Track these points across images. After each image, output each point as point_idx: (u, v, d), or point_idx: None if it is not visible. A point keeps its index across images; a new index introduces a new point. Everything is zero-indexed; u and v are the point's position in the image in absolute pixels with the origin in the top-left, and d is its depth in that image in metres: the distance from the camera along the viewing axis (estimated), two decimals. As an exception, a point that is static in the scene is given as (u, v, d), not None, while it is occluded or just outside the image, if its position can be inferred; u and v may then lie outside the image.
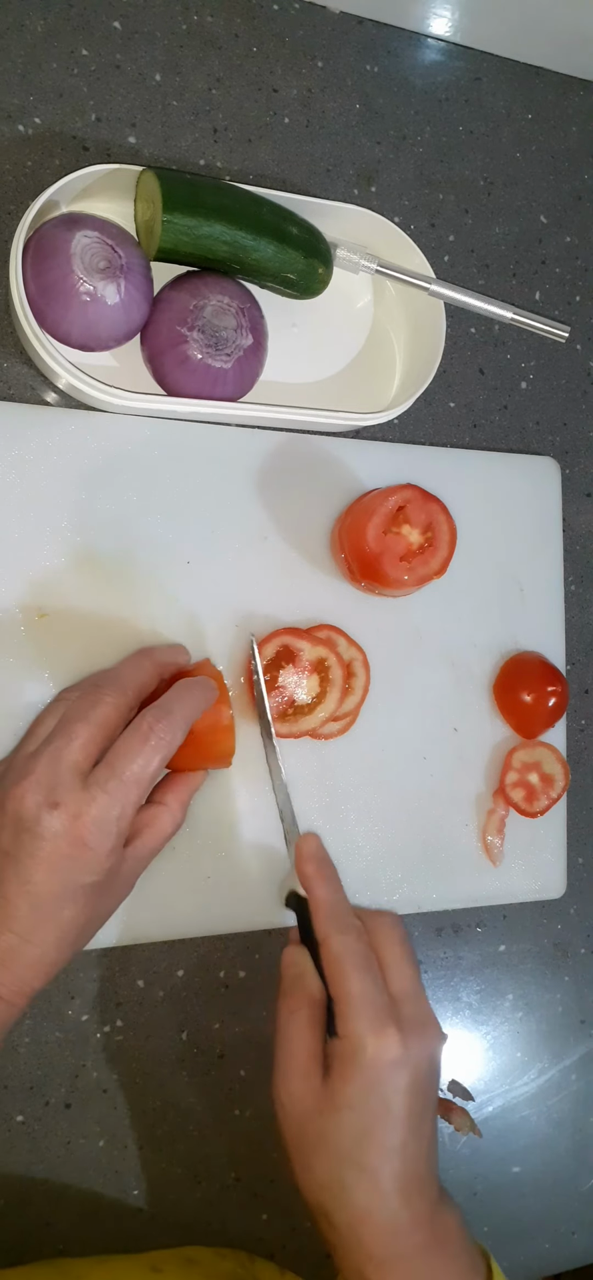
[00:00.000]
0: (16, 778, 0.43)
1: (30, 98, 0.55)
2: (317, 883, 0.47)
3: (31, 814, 0.41)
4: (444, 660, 0.62)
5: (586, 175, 0.70)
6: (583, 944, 0.69)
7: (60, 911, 0.42)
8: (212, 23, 0.60)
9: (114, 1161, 0.56)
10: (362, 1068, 0.41)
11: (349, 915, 0.46)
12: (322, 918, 0.46)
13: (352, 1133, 0.41)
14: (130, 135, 0.58)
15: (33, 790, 0.42)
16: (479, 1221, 0.65)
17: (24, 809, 0.42)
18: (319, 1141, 0.42)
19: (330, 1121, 0.42)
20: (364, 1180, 0.41)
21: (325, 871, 0.48)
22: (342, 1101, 0.42)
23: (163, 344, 0.52)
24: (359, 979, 0.43)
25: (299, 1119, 0.43)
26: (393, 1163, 0.41)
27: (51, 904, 0.41)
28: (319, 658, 0.55)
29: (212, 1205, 0.58)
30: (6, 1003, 0.41)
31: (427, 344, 0.59)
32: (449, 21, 0.64)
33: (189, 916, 0.55)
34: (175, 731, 0.44)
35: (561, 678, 0.62)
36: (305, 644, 0.55)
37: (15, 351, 0.54)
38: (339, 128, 0.63)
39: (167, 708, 0.45)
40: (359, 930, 0.45)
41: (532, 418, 0.68)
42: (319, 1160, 0.42)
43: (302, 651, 0.55)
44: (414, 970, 0.45)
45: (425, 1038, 0.43)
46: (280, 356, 0.57)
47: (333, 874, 0.48)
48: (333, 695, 0.55)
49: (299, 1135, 0.43)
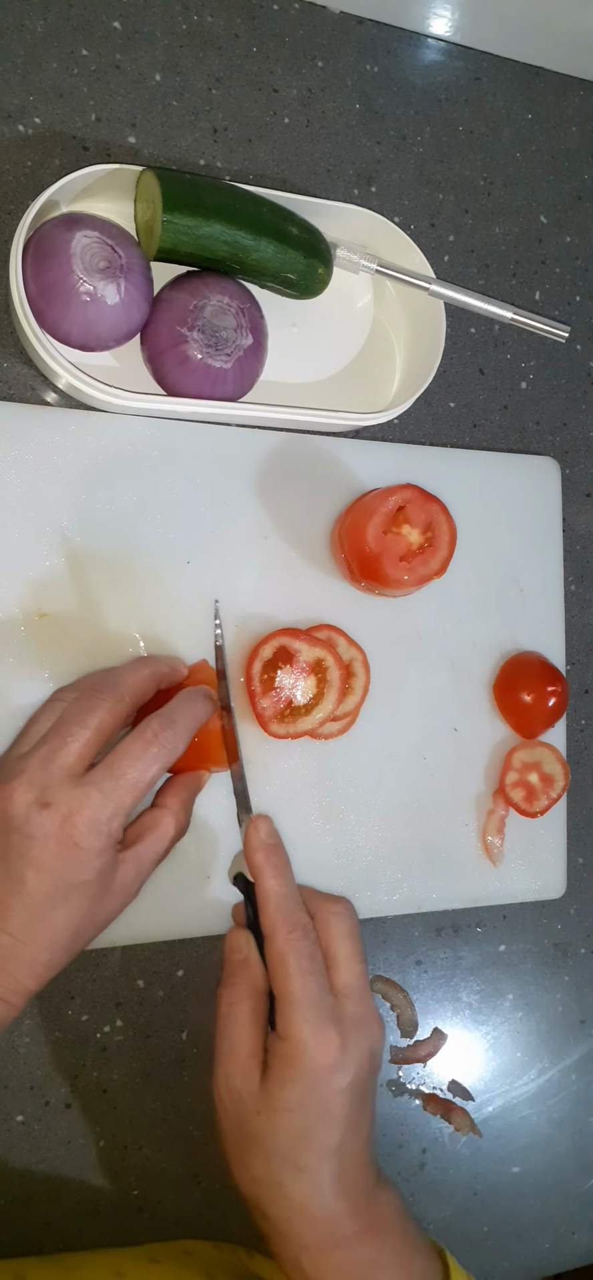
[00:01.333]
0: (7, 777, 0.43)
1: (30, 98, 0.55)
2: (265, 873, 0.46)
3: (21, 813, 0.41)
4: (444, 660, 0.62)
5: (586, 175, 0.70)
6: (583, 944, 0.69)
7: (52, 911, 0.42)
8: (212, 23, 0.60)
9: (114, 1161, 0.56)
10: (302, 1072, 0.42)
11: (298, 910, 0.45)
12: (269, 911, 0.45)
13: (290, 1135, 0.41)
14: (130, 135, 0.58)
15: (23, 790, 0.42)
16: (479, 1222, 0.65)
17: (14, 808, 0.42)
18: (256, 1141, 0.42)
19: (269, 1123, 0.42)
20: (301, 1179, 0.41)
21: (275, 861, 0.46)
22: (280, 1104, 0.42)
23: (163, 344, 0.52)
24: (303, 981, 0.43)
25: (237, 1116, 0.43)
26: (331, 1162, 0.42)
27: (43, 904, 0.41)
28: (317, 658, 0.55)
29: (211, 1205, 0.58)
30: (3, 1001, 0.41)
31: (427, 344, 0.59)
32: (449, 21, 0.64)
33: (189, 916, 0.55)
34: (178, 741, 0.44)
35: (561, 678, 0.62)
36: (303, 645, 0.55)
37: (15, 351, 0.54)
38: (339, 128, 0.63)
39: (170, 716, 0.45)
40: (306, 927, 0.45)
41: (532, 418, 0.68)
42: (255, 1159, 0.42)
43: (300, 652, 0.55)
44: (361, 966, 0.45)
45: (365, 1036, 0.43)
46: (280, 356, 0.57)
47: (284, 863, 0.47)
48: (331, 696, 0.55)
49: (237, 1132, 0.43)
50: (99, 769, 0.43)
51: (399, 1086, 0.63)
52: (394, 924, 0.62)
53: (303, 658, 0.55)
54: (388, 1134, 0.62)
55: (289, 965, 0.43)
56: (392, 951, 0.63)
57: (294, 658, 0.55)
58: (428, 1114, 0.63)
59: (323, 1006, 0.43)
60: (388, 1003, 0.62)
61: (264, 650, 0.54)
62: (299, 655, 0.55)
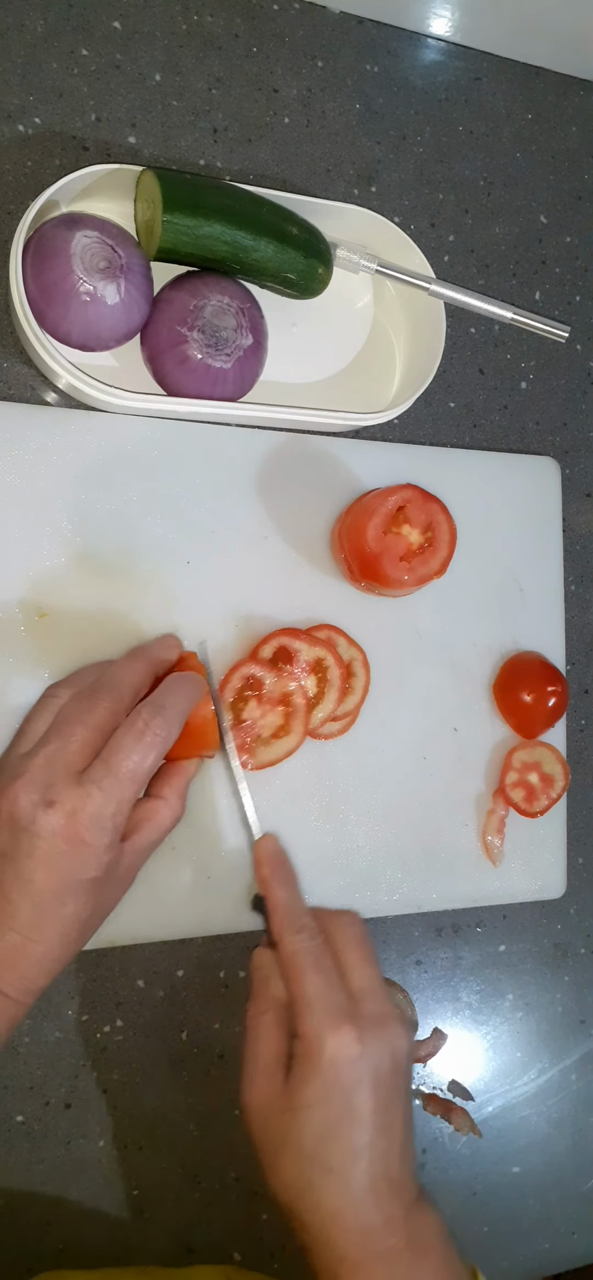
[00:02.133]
0: (10, 778, 0.43)
1: (30, 98, 0.55)
2: (272, 885, 0.48)
3: (27, 814, 0.41)
4: (444, 660, 0.62)
5: (586, 175, 0.70)
6: (583, 944, 0.69)
7: (62, 908, 0.42)
8: (212, 23, 0.60)
9: (114, 1161, 0.56)
10: (320, 1067, 0.42)
11: (303, 915, 0.46)
12: (277, 918, 0.46)
13: (314, 1132, 0.42)
14: (130, 135, 0.58)
15: (27, 790, 0.42)
16: (479, 1222, 0.65)
17: (19, 809, 0.42)
18: (283, 1141, 0.42)
19: (294, 1121, 0.42)
20: (331, 1181, 0.41)
21: (281, 873, 0.48)
22: (302, 1101, 0.42)
23: (163, 344, 0.52)
24: (312, 978, 0.43)
25: (263, 1118, 0.43)
26: (360, 1162, 0.41)
27: (52, 901, 0.41)
28: (317, 658, 0.55)
29: (211, 1205, 0.58)
30: (13, 1001, 0.42)
31: (427, 344, 0.59)
32: (449, 21, 0.64)
33: (189, 916, 0.55)
34: (170, 727, 0.44)
35: (561, 678, 0.62)
36: (303, 644, 0.55)
37: (15, 351, 0.54)
38: (339, 128, 0.63)
39: (160, 703, 0.45)
40: (313, 930, 0.45)
41: (532, 418, 0.68)
42: (285, 1161, 0.42)
43: (300, 652, 0.55)
44: (374, 969, 0.46)
45: (386, 1034, 0.43)
46: (280, 356, 0.57)
47: (289, 874, 0.49)
48: (331, 696, 0.55)
49: (264, 1135, 0.43)
50: (96, 766, 0.43)
51: (399, 1086, 0.63)
52: (394, 924, 0.62)
53: (303, 657, 0.55)
54: (388, 1134, 0.63)
55: (297, 965, 0.44)
56: (392, 951, 0.63)
57: (294, 657, 0.55)
58: (428, 1114, 0.63)
59: (335, 1002, 0.43)
60: (388, 1003, 0.62)
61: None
62: (299, 655, 0.55)
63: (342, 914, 0.47)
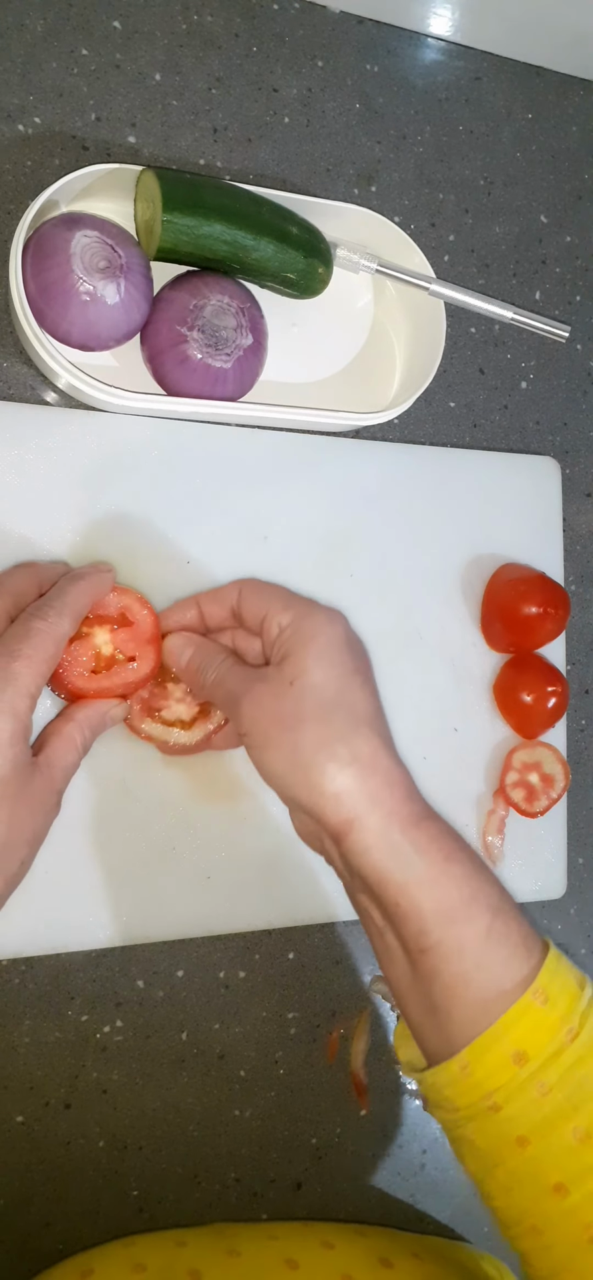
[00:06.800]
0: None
1: (30, 98, 0.55)
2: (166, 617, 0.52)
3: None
4: (444, 660, 0.62)
5: (586, 175, 0.70)
6: (583, 944, 0.68)
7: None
8: (211, 23, 0.60)
9: (114, 1161, 0.56)
10: (302, 638, 0.44)
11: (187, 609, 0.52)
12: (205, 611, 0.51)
13: (306, 697, 0.43)
14: (130, 135, 0.58)
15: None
16: (479, 1222, 0.65)
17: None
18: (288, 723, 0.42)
19: (285, 696, 0.43)
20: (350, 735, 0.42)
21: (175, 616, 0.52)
22: (284, 678, 0.44)
23: (163, 344, 0.52)
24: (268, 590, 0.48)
25: (265, 724, 0.43)
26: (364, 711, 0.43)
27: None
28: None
29: (212, 1205, 0.58)
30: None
31: (427, 344, 0.59)
32: (449, 21, 0.64)
33: (189, 916, 0.55)
34: (62, 614, 0.44)
35: (561, 678, 0.62)
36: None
37: (15, 351, 0.54)
38: (339, 128, 0.63)
39: (54, 595, 0.46)
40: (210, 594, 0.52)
41: (532, 418, 0.68)
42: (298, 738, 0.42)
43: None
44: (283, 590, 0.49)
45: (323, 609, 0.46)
46: (280, 356, 0.57)
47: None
48: None
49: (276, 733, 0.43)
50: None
51: (399, 1087, 0.63)
52: (394, 924, 0.62)
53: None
54: (388, 1134, 0.62)
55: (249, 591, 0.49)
56: (392, 951, 0.63)
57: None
58: (428, 1114, 0.63)
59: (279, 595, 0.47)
60: (388, 1003, 0.62)
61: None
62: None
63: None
